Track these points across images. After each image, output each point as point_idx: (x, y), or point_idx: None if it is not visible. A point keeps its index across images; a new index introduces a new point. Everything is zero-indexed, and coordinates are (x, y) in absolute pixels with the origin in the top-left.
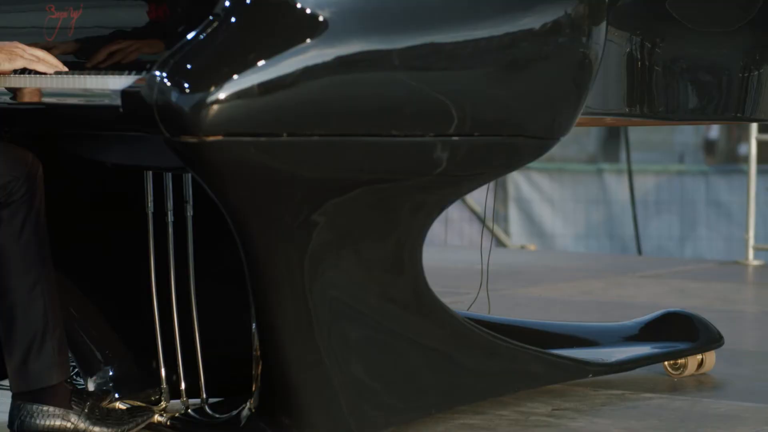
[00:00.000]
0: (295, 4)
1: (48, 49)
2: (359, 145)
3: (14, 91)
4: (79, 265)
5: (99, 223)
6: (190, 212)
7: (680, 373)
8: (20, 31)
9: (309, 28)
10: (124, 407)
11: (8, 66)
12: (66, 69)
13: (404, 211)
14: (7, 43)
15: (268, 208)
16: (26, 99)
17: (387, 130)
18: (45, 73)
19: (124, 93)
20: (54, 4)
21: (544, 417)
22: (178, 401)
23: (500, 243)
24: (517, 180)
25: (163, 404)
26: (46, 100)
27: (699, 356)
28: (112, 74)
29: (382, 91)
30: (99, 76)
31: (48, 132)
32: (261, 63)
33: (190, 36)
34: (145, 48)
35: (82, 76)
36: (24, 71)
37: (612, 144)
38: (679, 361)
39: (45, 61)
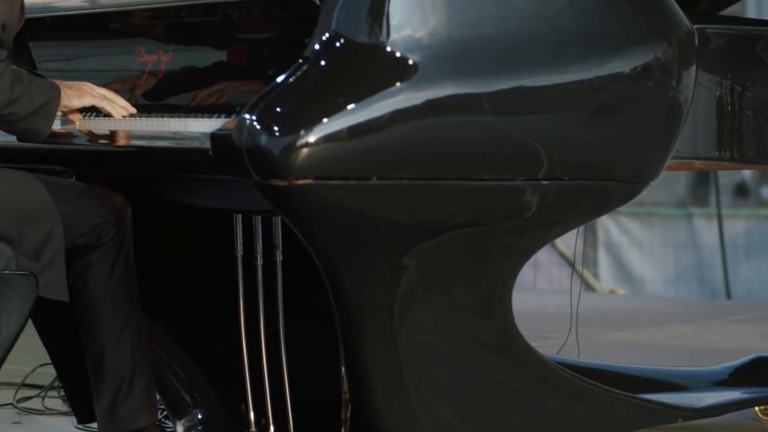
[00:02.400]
0: (385, 47)
1: (137, 93)
2: (449, 189)
3: (101, 134)
4: (167, 307)
5: (187, 265)
6: (279, 256)
7: None
8: (110, 74)
9: (399, 71)
10: None
11: (77, 102)
12: (134, 110)
13: (494, 255)
14: (76, 82)
15: (358, 251)
16: (114, 142)
17: (477, 173)
18: (129, 114)
19: (214, 136)
20: (144, 47)
21: None
22: None
23: (589, 287)
24: (607, 224)
25: None
26: (134, 142)
27: None
28: (201, 117)
29: (471, 134)
30: (188, 119)
31: (136, 175)
32: (350, 106)
33: (279, 79)
34: (234, 91)
35: (171, 118)
36: (97, 113)
37: (701, 188)
38: None
39: (113, 101)
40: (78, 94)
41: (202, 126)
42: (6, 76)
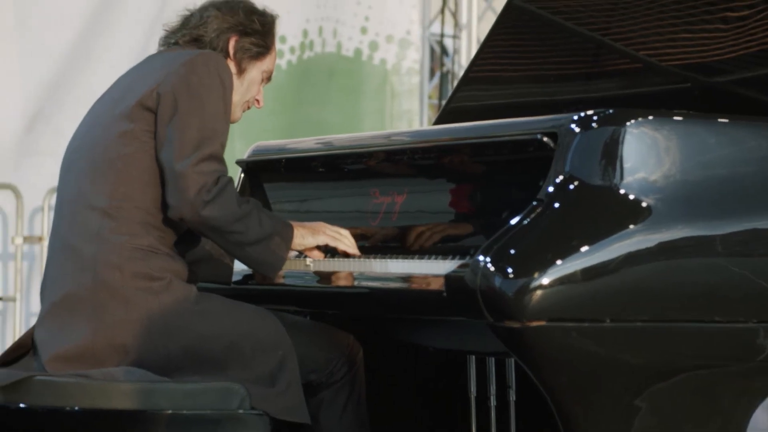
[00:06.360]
0: (619, 190)
1: (371, 234)
2: (682, 332)
3: (333, 275)
4: None
5: (419, 405)
6: (512, 397)
7: None
8: (345, 215)
9: (632, 214)
10: None
11: (312, 240)
12: (359, 253)
13: (727, 397)
14: (309, 222)
15: (591, 393)
16: (347, 283)
17: (710, 316)
18: (352, 255)
19: (448, 278)
20: (378, 188)
21: None
22: None
23: None
24: None
25: None
26: (367, 284)
27: None
28: (435, 259)
29: (705, 277)
30: (422, 261)
31: (368, 315)
32: (584, 249)
33: (513, 221)
34: (468, 232)
35: (405, 260)
36: (330, 252)
37: None
38: None
39: (345, 240)
40: (312, 233)
41: (436, 268)
42: (232, 189)
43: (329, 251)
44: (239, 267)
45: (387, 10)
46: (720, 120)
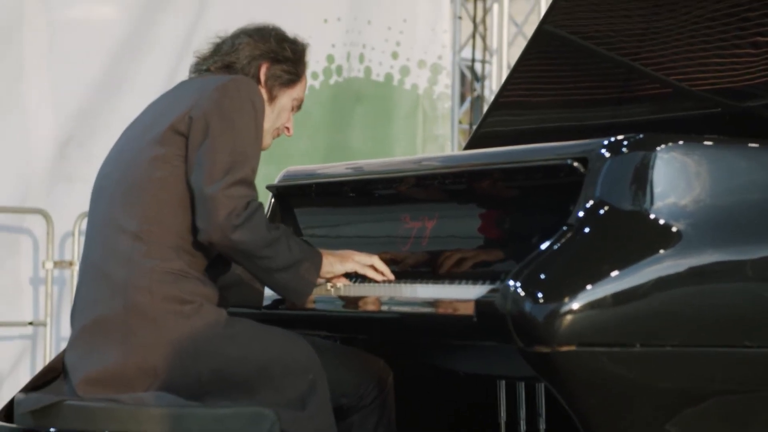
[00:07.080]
0: (649, 215)
1: (401, 259)
2: (712, 356)
3: (362, 300)
4: None
5: (448, 429)
6: (543, 425)
7: None
8: (375, 240)
9: (662, 239)
10: None
11: (340, 268)
12: (392, 278)
13: (757, 422)
14: (339, 251)
15: (621, 417)
16: (376, 308)
17: (740, 341)
18: (375, 280)
19: (478, 302)
20: (409, 214)
21: None
22: None
23: None
24: None
25: None
26: (397, 309)
27: None
28: (465, 284)
29: (735, 302)
30: (452, 286)
31: (397, 340)
32: (614, 274)
33: (543, 246)
34: (497, 257)
35: (435, 285)
36: (358, 278)
37: None
38: None
39: (375, 267)
40: (341, 261)
41: (466, 293)
42: (262, 214)
43: (359, 276)
44: (270, 292)
45: (418, 35)
46: (750, 145)
